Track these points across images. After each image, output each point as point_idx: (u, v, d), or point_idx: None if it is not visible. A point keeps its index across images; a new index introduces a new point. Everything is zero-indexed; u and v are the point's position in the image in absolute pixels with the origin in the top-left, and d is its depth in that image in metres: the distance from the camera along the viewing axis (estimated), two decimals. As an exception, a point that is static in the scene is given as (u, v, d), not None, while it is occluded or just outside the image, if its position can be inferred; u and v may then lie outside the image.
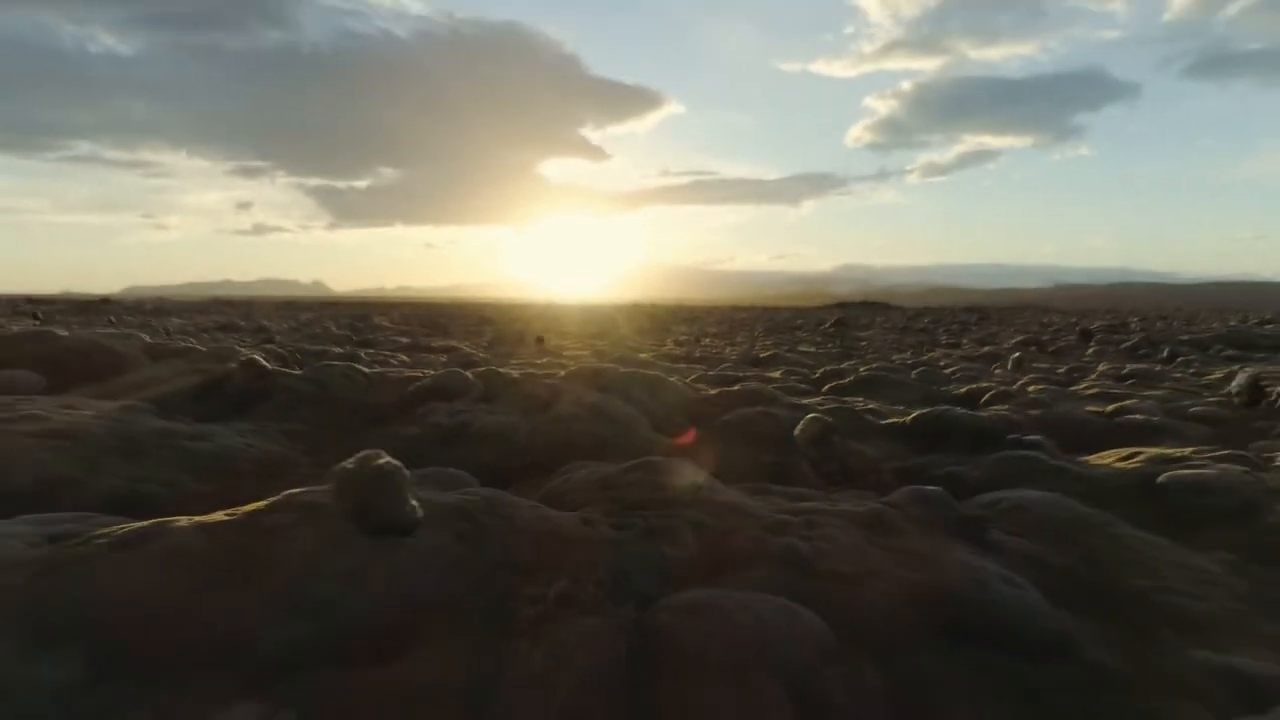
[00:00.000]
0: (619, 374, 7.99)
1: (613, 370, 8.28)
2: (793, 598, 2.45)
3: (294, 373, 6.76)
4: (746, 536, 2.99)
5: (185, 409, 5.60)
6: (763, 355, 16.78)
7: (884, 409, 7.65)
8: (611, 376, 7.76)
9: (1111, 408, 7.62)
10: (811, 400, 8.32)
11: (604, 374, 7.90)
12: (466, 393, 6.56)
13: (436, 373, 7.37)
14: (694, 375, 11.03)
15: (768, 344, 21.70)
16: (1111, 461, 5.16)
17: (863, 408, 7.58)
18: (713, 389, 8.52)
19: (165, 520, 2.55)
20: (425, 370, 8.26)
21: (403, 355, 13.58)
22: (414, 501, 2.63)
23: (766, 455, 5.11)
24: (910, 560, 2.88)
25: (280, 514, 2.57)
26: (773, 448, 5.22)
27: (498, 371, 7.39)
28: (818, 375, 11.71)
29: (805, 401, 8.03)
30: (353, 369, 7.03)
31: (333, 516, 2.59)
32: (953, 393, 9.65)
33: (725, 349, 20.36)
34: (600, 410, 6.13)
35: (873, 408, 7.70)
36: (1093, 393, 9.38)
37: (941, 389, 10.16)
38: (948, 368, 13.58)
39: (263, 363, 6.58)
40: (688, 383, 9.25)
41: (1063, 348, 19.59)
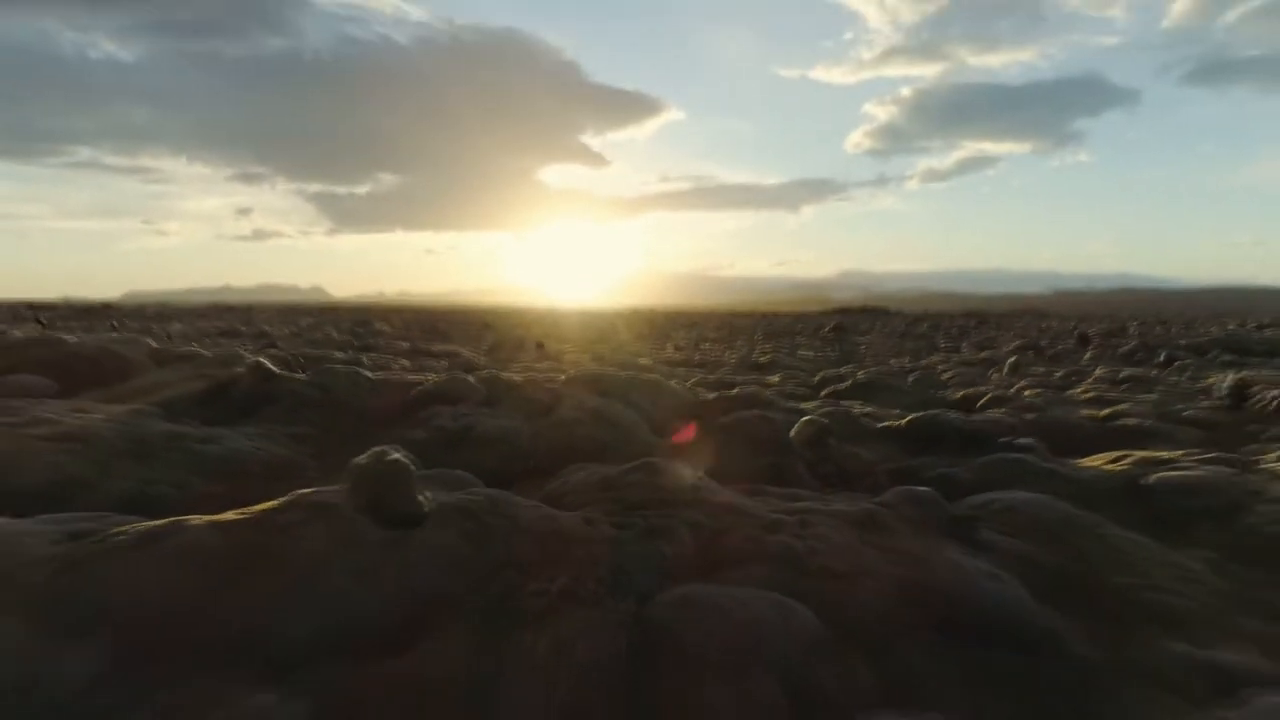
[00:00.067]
0: (619, 379, 8.07)
1: (613, 375, 8.35)
2: (787, 595, 2.53)
3: (299, 377, 6.83)
4: (743, 535, 3.07)
5: (192, 412, 5.67)
6: (761, 360, 16.86)
7: (880, 412, 7.73)
8: (612, 381, 7.83)
9: (1105, 412, 7.70)
10: (809, 404, 8.41)
11: (604, 379, 7.97)
12: (469, 397, 6.63)
13: (439, 377, 7.44)
14: (693, 380, 11.13)
15: (767, 349, 21.81)
16: (1101, 464, 5.24)
17: (859, 411, 7.66)
18: (711, 393, 8.60)
19: (180, 519, 2.63)
20: (428, 375, 8.33)
21: (404, 360, 13.64)
22: (423, 496, 2.74)
23: (763, 457, 5.18)
24: (902, 559, 2.95)
25: (292, 513, 2.65)
26: (769, 450, 5.30)
27: (500, 376, 7.46)
28: (816, 380, 11.79)
29: (803, 405, 8.12)
30: (357, 373, 7.10)
31: (343, 515, 2.68)
32: (949, 397, 9.72)
33: (724, 354, 20.44)
34: (601, 415, 6.21)
35: (869, 411, 7.79)
36: (1088, 397, 9.43)
37: (938, 393, 10.23)
38: (945, 372, 13.64)
39: (269, 366, 6.66)
40: (687, 387, 9.33)
41: (1060, 352, 19.68)
